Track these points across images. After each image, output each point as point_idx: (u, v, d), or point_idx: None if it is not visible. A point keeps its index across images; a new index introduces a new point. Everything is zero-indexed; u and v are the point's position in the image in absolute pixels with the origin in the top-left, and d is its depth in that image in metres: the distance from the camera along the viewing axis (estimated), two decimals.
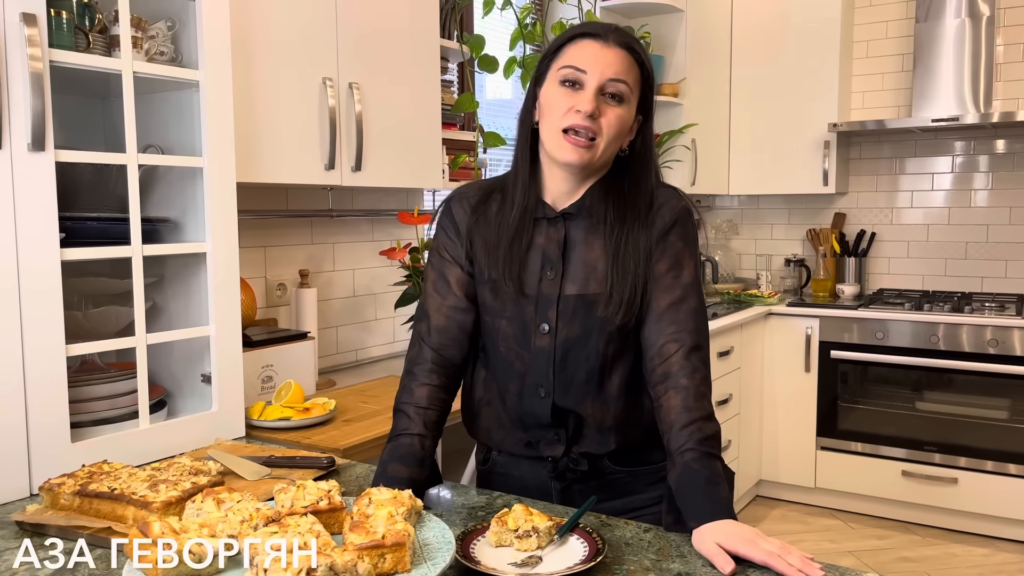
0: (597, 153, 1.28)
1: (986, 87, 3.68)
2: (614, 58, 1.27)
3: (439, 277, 1.40)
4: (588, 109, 1.25)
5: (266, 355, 2.07)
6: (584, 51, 1.27)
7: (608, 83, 1.26)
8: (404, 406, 1.34)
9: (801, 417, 3.86)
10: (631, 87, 1.28)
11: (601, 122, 1.26)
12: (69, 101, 1.77)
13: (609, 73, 1.26)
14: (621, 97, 1.27)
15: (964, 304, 3.60)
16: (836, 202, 4.29)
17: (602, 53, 1.27)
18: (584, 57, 1.27)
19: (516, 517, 1.14)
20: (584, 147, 1.27)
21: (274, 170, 2.02)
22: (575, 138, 1.27)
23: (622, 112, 1.28)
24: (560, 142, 1.28)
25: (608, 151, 1.29)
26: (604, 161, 1.31)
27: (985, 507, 3.49)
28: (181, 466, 1.35)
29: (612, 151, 1.31)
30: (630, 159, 1.35)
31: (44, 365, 1.43)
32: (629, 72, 1.28)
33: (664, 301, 1.31)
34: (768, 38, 4.06)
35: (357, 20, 2.22)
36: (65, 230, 1.50)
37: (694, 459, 1.20)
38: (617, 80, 1.27)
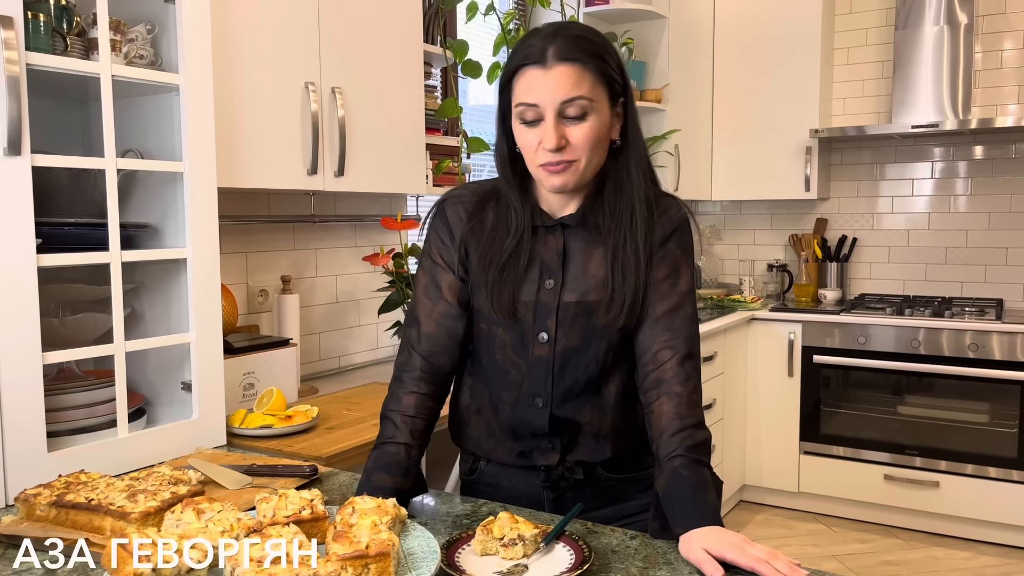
0: (579, 172, 1.25)
1: (964, 94, 3.72)
2: (560, 79, 1.20)
3: (430, 282, 1.37)
4: (551, 144, 1.21)
5: (247, 362, 2.05)
6: (529, 83, 1.22)
7: (563, 106, 1.21)
8: (391, 414, 1.32)
9: (784, 422, 3.87)
10: (589, 96, 1.22)
11: (571, 147, 1.23)
12: (47, 105, 1.74)
13: (560, 96, 1.20)
14: (583, 113, 1.22)
15: (944, 309, 3.63)
16: (818, 208, 4.31)
17: (546, 79, 1.21)
18: (531, 90, 1.22)
19: (502, 525, 1.13)
20: (564, 171, 1.24)
21: (255, 175, 2.00)
22: (553, 167, 1.24)
23: (589, 125, 1.23)
24: (543, 176, 1.26)
25: (591, 164, 1.26)
26: (593, 171, 1.29)
27: (967, 510, 3.51)
28: (160, 476, 1.33)
29: (597, 160, 1.28)
30: (622, 148, 1.31)
31: (19, 373, 1.40)
32: (581, 84, 1.21)
33: (660, 308, 1.30)
34: (750, 45, 4.08)
35: (340, 25, 2.20)
36: (42, 235, 1.47)
37: (683, 465, 1.20)
38: (570, 100, 1.21)
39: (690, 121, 4.04)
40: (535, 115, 1.23)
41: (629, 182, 1.30)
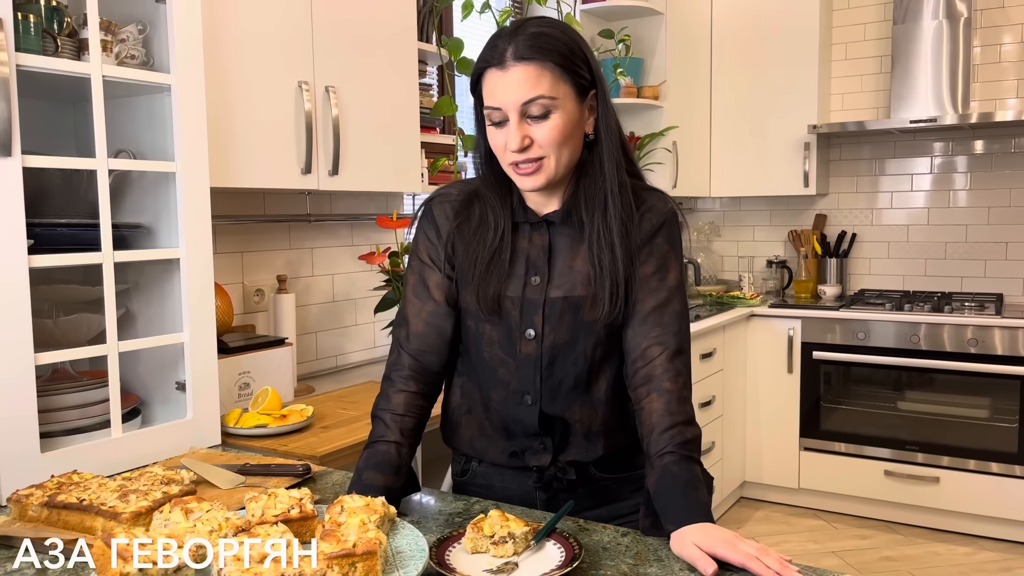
0: (552, 169, 1.24)
1: (964, 88, 3.71)
2: (517, 79, 1.19)
3: (418, 281, 1.37)
4: (516, 145, 1.21)
5: (243, 362, 2.05)
6: (492, 85, 1.22)
7: (524, 107, 1.20)
8: (381, 412, 1.32)
9: (784, 418, 3.86)
10: (550, 94, 1.20)
11: (536, 146, 1.22)
12: (39, 106, 1.75)
13: (521, 97, 1.20)
14: (546, 111, 1.21)
15: (944, 304, 3.62)
16: (817, 203, 4.31)
17: (504, 80, 1.20)
18: (493, 92, 1.22)
19: (492, 523, 1.13)
20: (534, 171, 1.24)
21: (249, 174, 1.99)
22: (523, 168, 1.24)
23: (553, 123, 1.22)
24: (515, 177, 1.26)
25: (563, 159, 1.25)
26: (566, 166, 1.27)
27: (967, 506, 3.50)
28: (153, 475, 1.33)
29: (568, 155, 1.26)
30: (594, 141, 1.30)
31: (12, 374, 1.40)
32: (540, 83, 1.20)
33: (649, 303, 1.29)
34: (747, 40, 4.08)
35: (333, 23, 2.20)
36: (34, 236, 1.47)
37: (673, 462, 1.19)
38: (531, 100, 1.20)
39: (688, 118, 4.03)
40: (500, 117, 1.23)
41: (601, 174, 1.29)
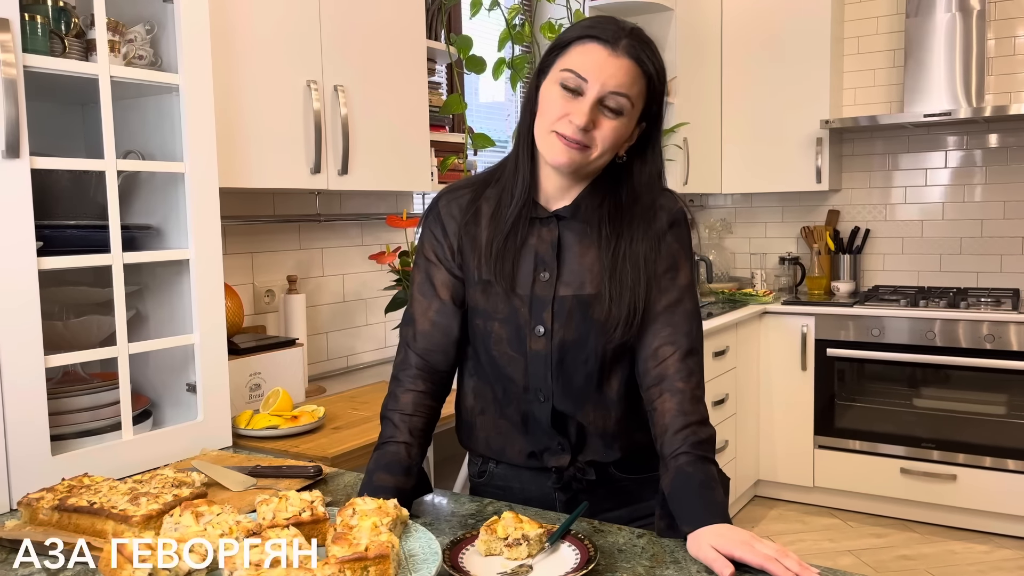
0: (589, 159, 1.23)
1: (978, 81, 3.66)
2: (619, 69, 1.18)
3: (425, 280, 1.36)
4: (582, 122, 1.19)
5: (254, 363, 2.04)
6: (589, 56, 1.20)
7: (609, 95, 1.19)
8: (390, 413, 1.31)
9: (798, 416, 3.83)
10: (633, 100, 1.20)
11: (595, 135, 1.21)
12: (48, 108, 1.74)
13: (611, 85, 1.18)
14: (620, 110, 1.20)
15: (960, 300, 3.58)
16: (830, 199, 4.27)
17: (607, 62, 1.18)
18: (588, 64, 1.19)
19: (506, 525, 1.11)
20: (576, 149, 1.21)
21: (258, 175, 1.99)
22: (566, 141, 1.21)
23: (618, 125, 1.21)
24: (552, 142, 1.22)
25: (601, 160, 1.24)
26: (597, 167, 1.27)
27: (984, 503, 3.47)
28: (163, 478, 1.32)
29: (605, 160, 1.25)
30: (629, 167, 1.29)
31: (22, 377, 1.40)
32: (634, 85, 1.20)
33: (660, 303, 1.27)
34: (758, 35, 4.04)
35: (341, 21, 2.19)
36: (43, 238, 1.47)
37: (688, 463, 1.18)
38: (618, 93, 1.19)
39: (699, 114, 4.00)
40: (578, 86, 1.20)
41: (636, 201, 1.29)
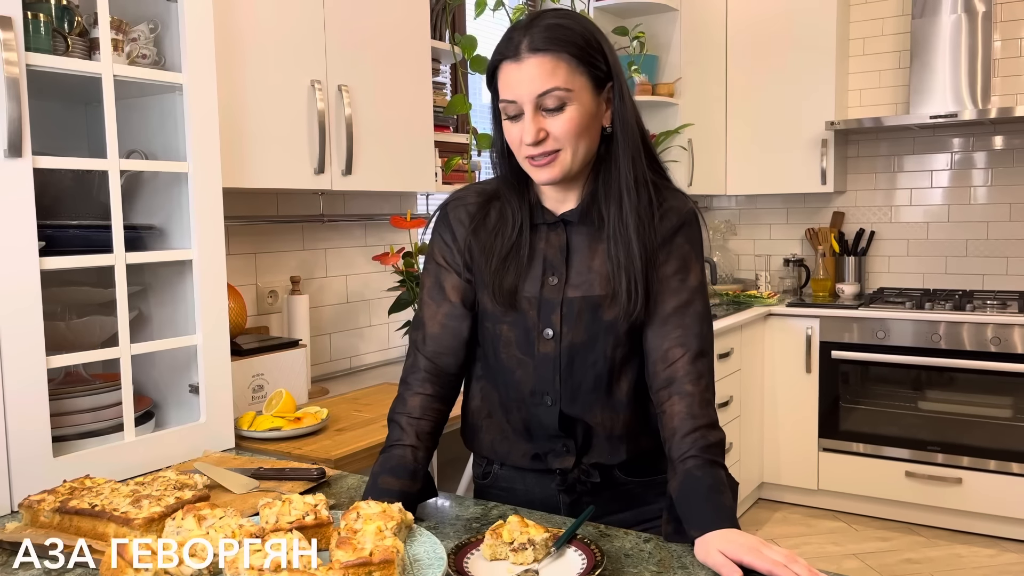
0: (567, 163, 1.22)
1: (983, 83, 3.65)
2: (532, 72, 1.17)
3: (434, 284, 1.35)
4: (530, 138, 1.19)
5: (256, 364, 2.03)
6: (506, 78, 1.20)
7: (539, 99, 1.18)
8: (397, 416, 1.30)
9: (802, 418, 3.82)
10: (565, 86, 1.18)
11: (551, 139, 1.20)
12: (51, 107, 1.73)
13: (536, 89, 1.17)
14: (561, 103, 1.19)
15: (965, 302, 3.57)
16: (834, 201, 4.25)
17: (519, 73, 1.18)
18: (508, 85, 1.20)
19: (511, 529, 1.10)
20: (549, 164, 1.21)
21: (261, 175, 1.98)
22: (539, 161, 1.22)
23: (568, 116, 1.19)
24: (531, 169, 1.24)
25: (579, 153, 1.23)
26: (583, 160, 1.25)
27: (990, 507, 3.45)
28: (166, 480, 1.31)
29: (585, 149, 1.23)
30: (611, 135, 1.27)
31: (24, 378, 1.39)
32: (555, 74, 1.17)
33: (670, 304, 1.26)
34: (763, 36, 4.03)
35: (346, 21, 2.18)
36: (46, 238, 1.46)
37: (697, 466, 1.16)
38: (545, 93, 1.17)
39: (703, 115, 3.99)
40: (515, 110, 1.20)
41: (616, 170, 1.26)
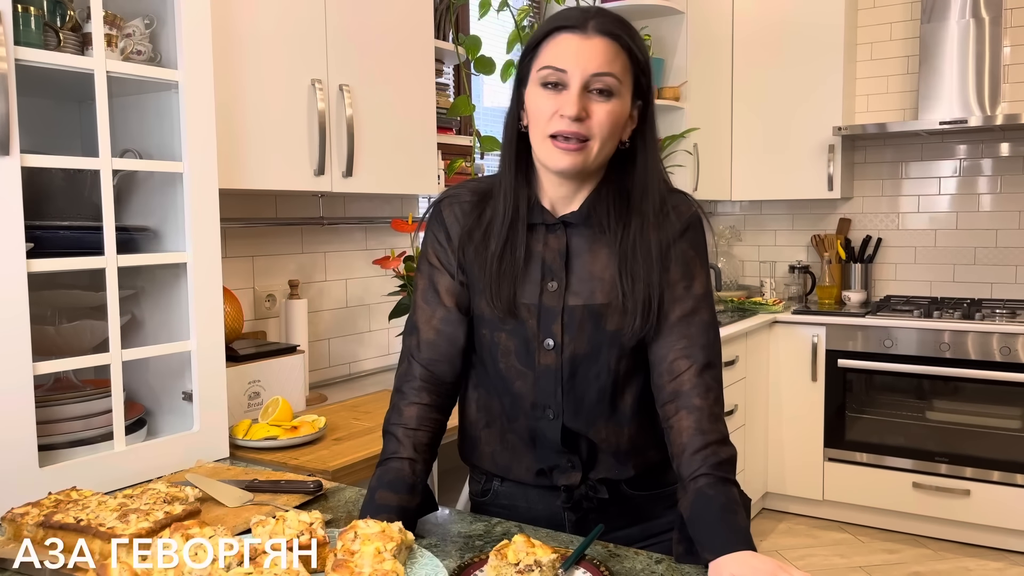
0: (591, 155, 1.17)
1: (992, 89, 3.60)
2: (596, 50, 1.14)
3: (428, 286, 1.29)
4: (572, 112, 1.13)
5: (253, 370, 1.97)
6: (562, 47, 1.15)
7: (592, 79, 1.14)
8: (393, 427, 1.24)
9: (808, 427, 3.76)
10: (619, 78, 1.15)
11: (590, 123, 1.15)
12: (43, 105, 1.68)
13: (592, 68, 1.14)
14: (610, 91, 1.15)
15: (974, 311, 3.51)
16: (840, 207, 4.20)
17: (582, 47, 1.14)
18: (563, 54, 1.15)
19: (517, 549, 1.05)
20: (575, 150, 1.16)
21: (259, 176, 1.92)
22: (564, 143, 1.15)
23: (612, 107, 1.15)
24: (550, 149, 1.17)
25: (603, 151, 1.18)
26: (601, 161, 1.20)
27: (999, 519, 3.39)
28: (155, 493, 1.25)
29: (608, 150, 1.19)
30: (632, 152, 1.23)
31: (8, 384, 1.33)
32: (615, 62, 1.15)
33: (674, 313, 1.21)
34: (770, 41, 3.98)
35: (348, 19, 2.13)
36: (34, 239, 1.41)
37: (708, 485, 1.11)
38: (602, 74, 1.14)
39: (709, 119, 3.94)
40: (559, 79, 1.15)
41: (644, 190, 1.21)
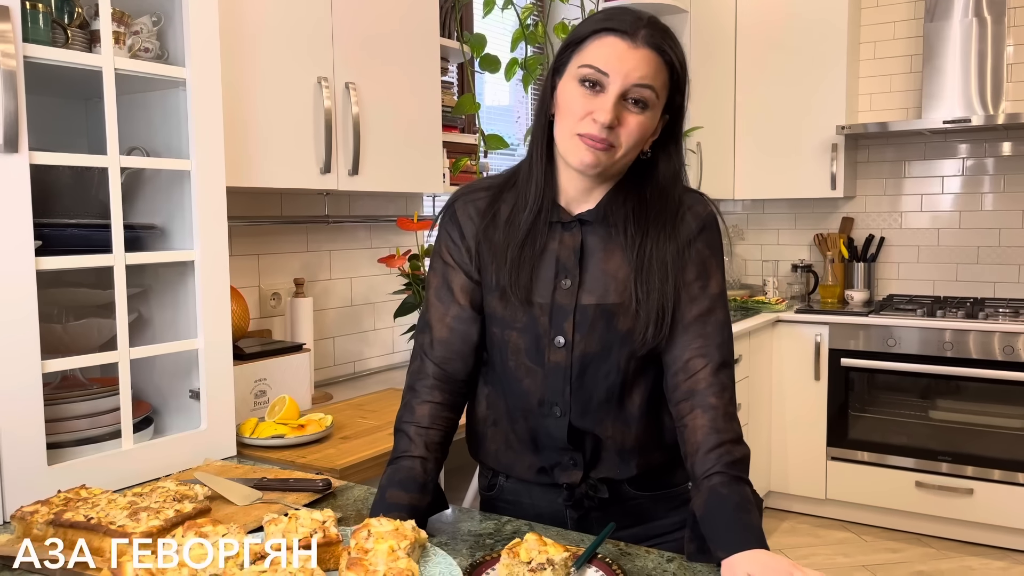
0: (614, 158, 1.17)
1: (995, 88, 3.60)
2: (641, 60, 1.13)
3: (442, 284, 1.29)
4: (606, 120, 1.12)
5: (259, 368, 1.97)
6: (608, 50, 1.14)
7: (632, 88, 1.13)
8: (404, 426, 1.24)
9: (811, 426, 3.76)
10: (657, 92, 1.15)
11: (620, 131, 1.14)
12: (51, 102, 1.68)
13: (634, 78, 1.13)
14: (645, 103, 1.14)
15: (977, 310, 3.51)
16: (843, 206, 4.20)
17: (628, 55, 1.13)
18: (608, 57, 1.14)
19: (529, 548, 1.04)
20: (600, 150, 1.15)
21: (266, 174, 1.92)
22: (591, 141, 1.15)
23: (644, 119, 1.15)
24: (575, 144, 1.16)
25: (626, 158, 1.18)
26: (621, 167, 1.21)
27: (1002, 518, 3.39)
28: (165, 491, 1.25)
29: (631, 157, 1.19)
30: (653, 162, 1.23)
31: (17, 382, 1.33)
32: (657, 76, 1.14)
33: (690, 313, 1.21)
34: (773, 39, 3.98)
35: (354, 17, 2.13)
36: (42, 237, 1.41)
37: (722, 483, 1.11)
38: (642, 86, 1.13)
39: (712, 118, 3.94)
40: (599, 80, 1.14)
41: (664, 202, 1.22)
